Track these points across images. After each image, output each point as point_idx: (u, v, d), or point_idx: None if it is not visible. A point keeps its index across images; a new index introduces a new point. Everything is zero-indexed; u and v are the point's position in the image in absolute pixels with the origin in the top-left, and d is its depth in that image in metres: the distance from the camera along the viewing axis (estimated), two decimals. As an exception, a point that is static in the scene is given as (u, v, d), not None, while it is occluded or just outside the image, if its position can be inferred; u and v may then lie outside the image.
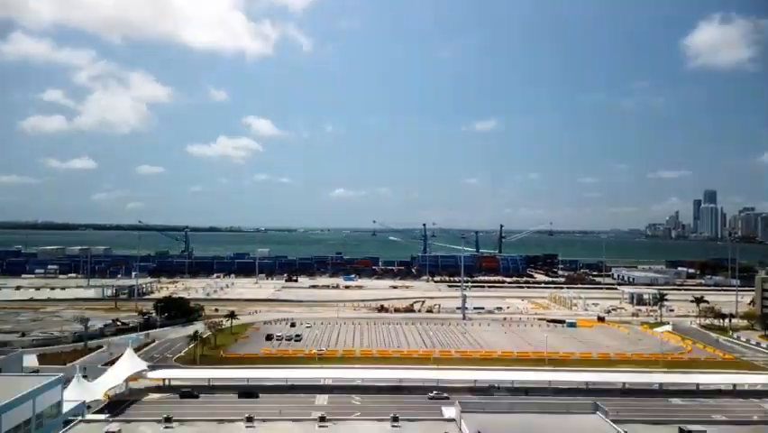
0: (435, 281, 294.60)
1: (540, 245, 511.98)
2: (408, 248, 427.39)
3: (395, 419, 67.14)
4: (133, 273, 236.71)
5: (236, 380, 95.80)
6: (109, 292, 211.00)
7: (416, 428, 65.92)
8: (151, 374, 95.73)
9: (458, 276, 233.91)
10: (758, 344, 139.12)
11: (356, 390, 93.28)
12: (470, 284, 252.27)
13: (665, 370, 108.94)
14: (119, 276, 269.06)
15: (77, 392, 76.00)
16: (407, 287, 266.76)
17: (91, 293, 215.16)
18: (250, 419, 66.18)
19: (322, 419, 67.68)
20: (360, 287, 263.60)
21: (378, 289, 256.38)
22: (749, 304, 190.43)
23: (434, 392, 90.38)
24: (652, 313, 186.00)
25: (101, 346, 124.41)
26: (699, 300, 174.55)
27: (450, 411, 70.10)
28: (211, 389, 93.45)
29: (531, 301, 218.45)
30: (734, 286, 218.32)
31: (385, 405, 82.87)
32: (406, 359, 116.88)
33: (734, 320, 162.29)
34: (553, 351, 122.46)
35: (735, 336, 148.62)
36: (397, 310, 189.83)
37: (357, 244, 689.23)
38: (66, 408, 68.71)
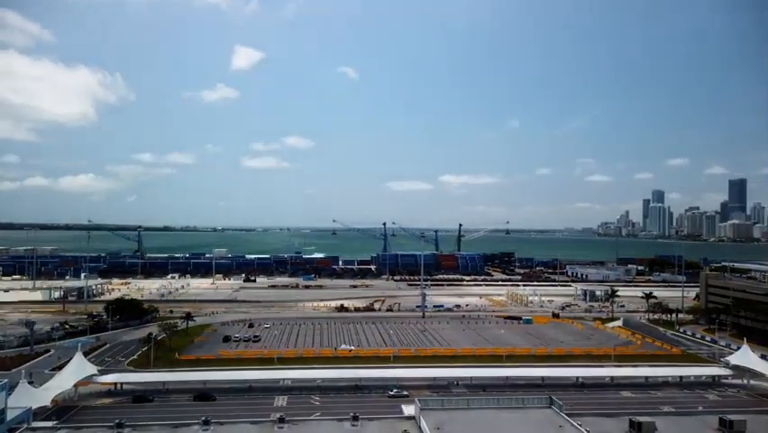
0: (395, 280, 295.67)
1: (497, 244, 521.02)
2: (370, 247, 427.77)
3: (354, 418, 67.08)
4: (83, 274, 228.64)
5: (192, 383, 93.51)
6: (57, 294, 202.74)
7: (375, 427, 65.97)
8: (102, 379, 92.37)
9: (418, 275, 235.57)
10: (703, 337, 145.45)
11: (316, 390, 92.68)
12: (429, 283, 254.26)
13: (616, 364, 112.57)
14: (67, 277, 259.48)
15: (22, 399, 72.63)
16: (367, 286, 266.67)
17: (37, 295, 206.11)
18: (206, 423, 64.85)
19: (281, 420, 66.96)
20: (320, 286, 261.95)
21: (338, 288, 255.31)
22: (694, 299, 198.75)
23: (394, 391, 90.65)
24: (604, 309, 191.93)
25: (48, 351, 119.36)
26: (647, 296, 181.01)
27: (409, 409, 70.53)
28: (166, 392, 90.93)
29: (488, 299, 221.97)
30: (680, 282, 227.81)
31: (345, 405, 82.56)
32: (366, 358, 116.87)
33: (680, 315, 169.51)
34: (509, 347, 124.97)
35: (681, 330, 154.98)
36: (357, 310, 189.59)
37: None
38: (10, 415, 65.74)
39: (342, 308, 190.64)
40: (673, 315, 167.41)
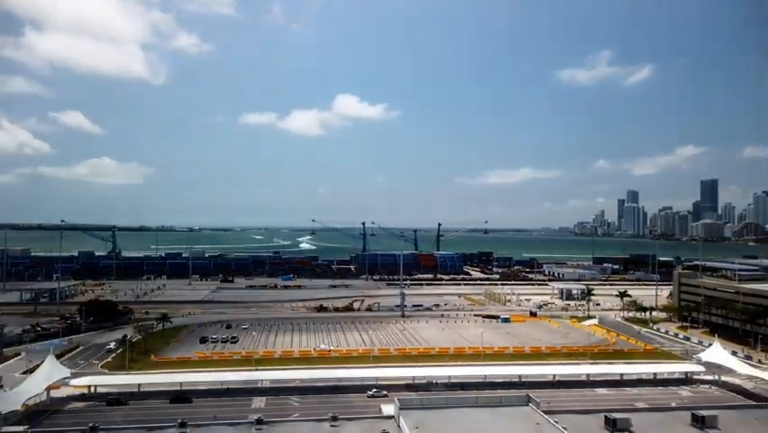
0: (375, 280, 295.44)
1: (476, 244, 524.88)
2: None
3: (334, 418, 67.03)
4: (55, 276, 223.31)
5: (168, 385, 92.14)
6: (28, 296, 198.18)
7: (355, 427, 65.96)
8: (75, 382, 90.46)
9: (397, 274, 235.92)
10: (676, 335, 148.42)
11: (295, 391, 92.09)
12: (408, 282, 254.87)
13: (592, 361, 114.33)
14: (39, 278, 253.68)
15: (-9, 404, 70.96)
16: (347, 286, 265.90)
17: (8, 297, 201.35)
18: (183, 425, 64.17)
19: (259, 421, 66.62)
20: (298, 286, 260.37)
21: (317, 288, 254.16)
22: (668, 297, 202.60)
23: (374, 390, 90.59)
24: (580, 307, 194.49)
25: (19, 354, 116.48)
26: (622, 295, 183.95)
27: (389, 409, 70.68)
28: (141, 395, 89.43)
29: (467, 298, 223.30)
30: (654, 280, 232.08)
31: (324, 405, 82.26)
32: (346, 358, 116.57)
33: (654, 313, 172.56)
34: (488, 346, 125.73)
35: (655, 327, 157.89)
36: (336, 309, 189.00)
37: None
38: (-22, 421, 64.09)
39: (321, 308, 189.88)
40: (647, 313, 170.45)
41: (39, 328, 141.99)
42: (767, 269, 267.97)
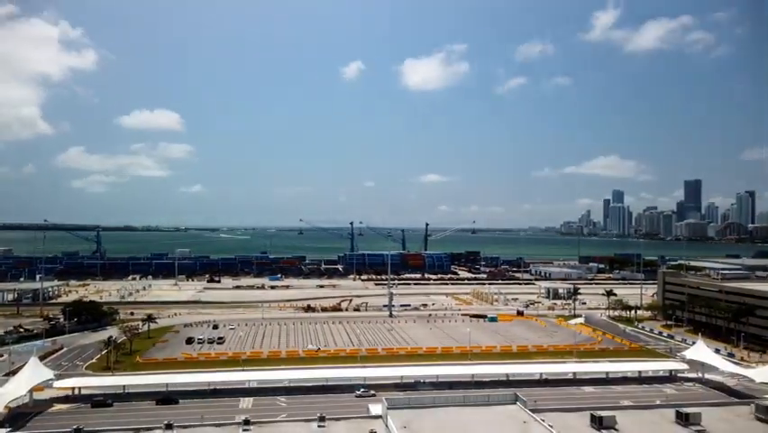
0: (362, 280, 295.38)
1: (463, 243, 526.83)
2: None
3: (321, 418, 66.99)
4: (38, 276, 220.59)
5: (154, 386, 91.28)
6: (10, 297, 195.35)
7: (342, 427, 66.01)
8: (59, 383, 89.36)
9: (385, 274, 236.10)
10: (660, 333, 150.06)
11: (282, 391, 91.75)
12: (396, 282, 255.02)
13: (578, 360, 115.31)
14: (21, 279, 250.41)
15: (-28, 406, 69.83)
16: (335, 286, 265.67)
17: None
18: (169, 427, 63.80)
19: (246, 422, 66.40)
20: (286, 287, 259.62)
21: (304, 288, 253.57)
22: (652, 296, 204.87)
23: (361, 390, 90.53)
24: (566, 306, 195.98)
25: (1, 355, 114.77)
26: (608, 294, 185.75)
27: (376, 408, 70.74)
28: (126, 396, 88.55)
29: (454, 297, 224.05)
30: (639, 280, 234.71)
31: (312, 405, 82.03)
32: (334, 358, 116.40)
33: (639, 312, 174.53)
34: (475, 345, 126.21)
35: (640, 326, 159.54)
36: (324, 309, 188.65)
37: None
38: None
39: (308, 309, 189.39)
40: (633, 311, 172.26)
41: (22, 329, 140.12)
42: (749, 268, 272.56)
